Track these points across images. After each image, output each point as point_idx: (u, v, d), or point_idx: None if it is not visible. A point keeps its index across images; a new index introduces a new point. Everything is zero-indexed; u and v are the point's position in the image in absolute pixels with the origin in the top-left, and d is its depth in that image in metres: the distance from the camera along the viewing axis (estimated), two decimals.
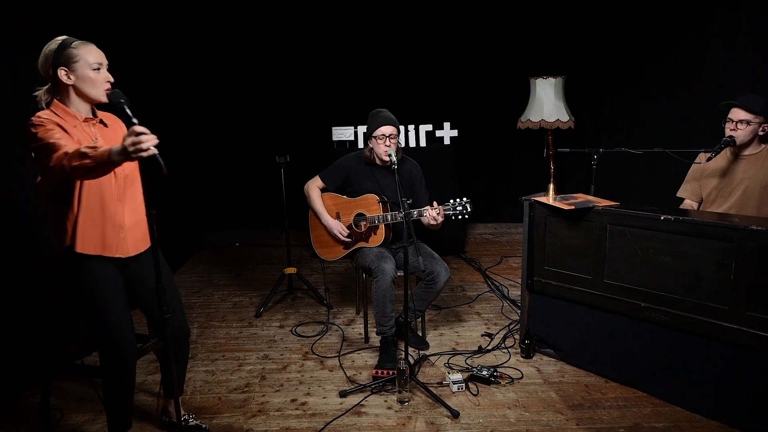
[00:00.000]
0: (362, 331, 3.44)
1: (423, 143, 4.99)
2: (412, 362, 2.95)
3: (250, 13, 5.54)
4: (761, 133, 2.74)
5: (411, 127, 4.98)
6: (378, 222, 3.11)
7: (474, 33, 5.69)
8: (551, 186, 2.99)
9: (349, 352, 3.23)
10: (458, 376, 2.81)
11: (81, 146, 1.78)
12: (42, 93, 2.03)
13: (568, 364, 3.00)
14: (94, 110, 2.11)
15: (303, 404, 2.71)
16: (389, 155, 2.95)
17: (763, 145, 2.78)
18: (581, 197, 2.95)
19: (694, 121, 4.03)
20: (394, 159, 2.88)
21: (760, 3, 3.34)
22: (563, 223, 2.89)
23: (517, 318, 3.54)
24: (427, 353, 3.17)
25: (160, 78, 4.80)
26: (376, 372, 2.87)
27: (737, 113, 2.72)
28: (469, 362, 3.06)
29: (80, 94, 2.02)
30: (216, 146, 5.81)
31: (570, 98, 5.15)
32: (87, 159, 1.74)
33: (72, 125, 1.99)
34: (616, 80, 5.30)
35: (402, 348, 3.13)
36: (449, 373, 2.86)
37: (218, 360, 3.18)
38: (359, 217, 3.19)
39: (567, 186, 5.82)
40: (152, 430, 2.53)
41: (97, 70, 2.01)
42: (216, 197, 5.92)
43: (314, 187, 3.30)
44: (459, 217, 2.88)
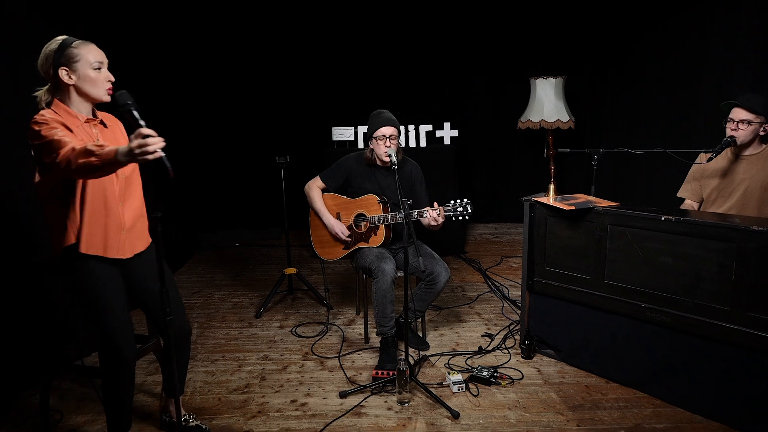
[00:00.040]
0: (362, 332, 3.43)
1: (423, 143, 4.99)
2: (413, 363, 2.95)
3: (250, 13, 5.54)
4: (762, 133, 2.74)
5: (411, 128, 4.98)
6: (378, 222, 3.11)
7: (474, 33, 5.69)
8: (551, 186, 2.99)
9: (349, 353, 3.23)
10: (458, 377, 2.81)
11: (88, 143, 1.77)
12: (42, 93, 2.01)
13: (569, 365, 3.00)
14: (94, 110, 2.10)
15: (303, 405, 2.71)
16: (389, 156, 2.95)
17: (764, 145, 2.78)
18: (582, 197, 2.95)
19: (694, 121, 4.03)
20: (395, 160, 2.88)
21: (760, 3, 3.34)
22: (564, 224, 2.88)
23: (518, 318, 3.54)
24: (428, 354, 3.17)
25: (160, 78, 4.80)
26: (376, 373, 2.87)
27: (738, 113, 2.72)
28: (470, 363, 3.06)
29: (82, 94, 2.01)
30: (216, 146, 5.81)
31: (570, 98, 5.15)
32: (93, 157, 1.73)
33: (74, 126, 1.98)
34: (616, 80, 5.30)
35: (402, 348, 3.13)
36: (449, 374, 2.85)
37: (218, 361, 3.17)
38: (359, 218, 3.19)
39: (567, 186, 5.82)
40: (152, 431, 2.53)
41: (98, 70, 2.00)
42: (216, 197, 5.92)
43: (315, 187, 3.30)
44: (459, 218, 2.88)
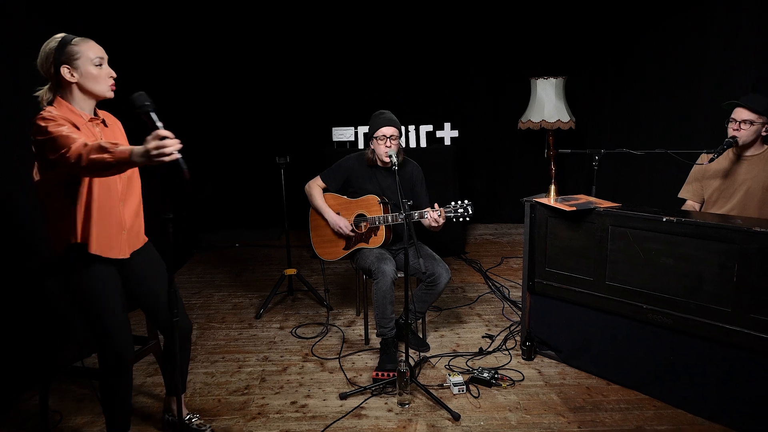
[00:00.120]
0: (362, 333, 3.43)
1: (423, 144, 4.99)
2: (413, 364, 2.94)
3: (250, 13, 5.53)
4: (764, 134, 2.73)
5: (411, 128, 4.97)
6: (378, 223, 3.10)
7: (474, 33, 5.68)
8: (552, 187, 2.98)
9: (350, 354, 3.22)
10: (459, 378, 2.80)
11: (101, 141, 1.76)
12: (44, 92, 1.99)
13: (570, 366, 2.99)
14: (96, 109, 2.08)
15: (303, 406, 2.70)
16: (389, 156, 2.95)
17: (766, 146, 2.77)
18: (582, 198, 2.94)
19: (694, 121, 4.02)
20: (395, 160, 2.87)
21: (760, 3, 3.34)
22: (564, 225, 2.88)
23: (518, 319, 3.53)
24: (428, 355, 3.16)
25: (160, 78, 4.79)
26: (377, 374, 2.86)
27: (740, 113, 2.72)
28: (470, 364, 3.05)
29: (85, 92, 1.99)
30: (216, 146, 5.80)
31: (570, 98, 5.14)
32: (107, 154, 1.71)
33: (80, 124, 1.96)
34: (616, 80, 5.30)
35: (402, 350, 3.12)
36: (450, 375, 2.84)
37: (218, 362, 3.16)
38: (360, 218, 3.18)
39: (568, 187, 5.82)
40: None
41: (100, 66, 1.98)
42: (216, 197, 5.91)
43: (315, 186, 3.29)
44: (460, 219, 2.88)
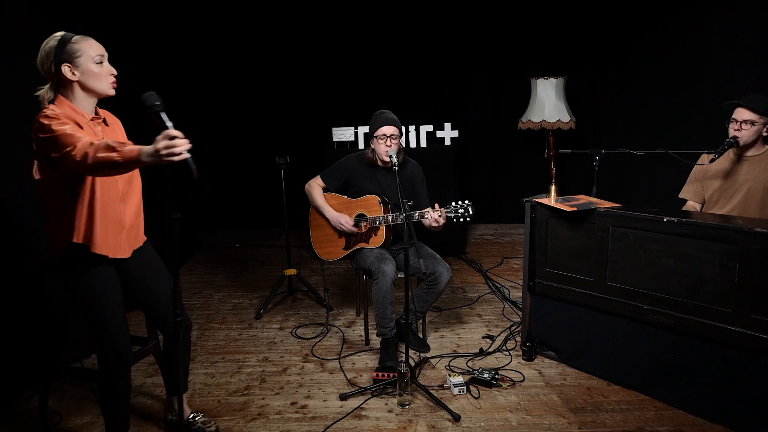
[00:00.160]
0: (362, 333, 3.42)
1: (423, 144, 4.98)
2: (413, 365, 2.94)
3: (250, 13, 5.52)
4: (765, 134, 2.72)
5: (411, 128, 4.97)
6: (379, 223, 3.09)
7: (474, 33, 5.68)
8: (553, 187, 2.98)
9: (350, 354, 3.21)
10: (459, 379, 2.79)
11: (108, 140, 1.75)
12: (44, 92, 1.97)
13: (570, 367, 2.99)
14: (97, 108, 2.07)
15: (303, 407, 2.69)
16: (389, 156, 2.94)
17: (767, 146, 2.77)
18: (583, 198, 2.94)
19: (695, 122, 4.02)
20: (395, 160, 2.87)
21: (760, 3, 3.33)
22: (565, 225, 2.87)
23: (519, 320, 3.53)
24: (428, 355, 3.16)
25: (160, 78, 4.77)
26: (377, 374, 2.85)
27: (742, 113, 2.71)
28: (471, 365, 3.05)
29: (86, 90, 1.97)
30: (216, 147, 5.79)
31: (570, 98, 5.14)
32: (115, 153, 1.70)
33: (82, 123, 1.95)
34: (616, 80, 5.29)
35: (402, 350, 3.12)
36: (450, 376, 2.84)
37: (218, 362, 3.16)
38: (360, 218, 3.17)
39: (568, 187, 5.82)
40: None
41: (100, 64, 1.97)
42: (216, 198, 5.91)
43: (315, 185, 3.29)
44: (461, 220, 2.87)
